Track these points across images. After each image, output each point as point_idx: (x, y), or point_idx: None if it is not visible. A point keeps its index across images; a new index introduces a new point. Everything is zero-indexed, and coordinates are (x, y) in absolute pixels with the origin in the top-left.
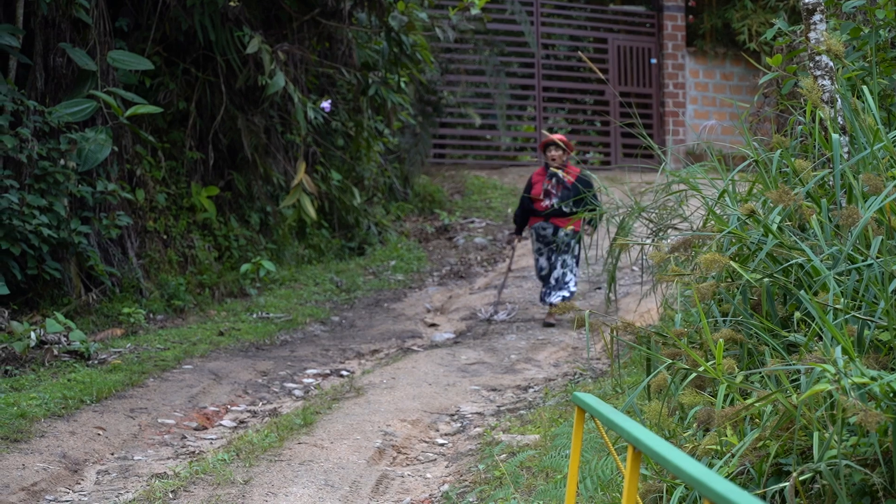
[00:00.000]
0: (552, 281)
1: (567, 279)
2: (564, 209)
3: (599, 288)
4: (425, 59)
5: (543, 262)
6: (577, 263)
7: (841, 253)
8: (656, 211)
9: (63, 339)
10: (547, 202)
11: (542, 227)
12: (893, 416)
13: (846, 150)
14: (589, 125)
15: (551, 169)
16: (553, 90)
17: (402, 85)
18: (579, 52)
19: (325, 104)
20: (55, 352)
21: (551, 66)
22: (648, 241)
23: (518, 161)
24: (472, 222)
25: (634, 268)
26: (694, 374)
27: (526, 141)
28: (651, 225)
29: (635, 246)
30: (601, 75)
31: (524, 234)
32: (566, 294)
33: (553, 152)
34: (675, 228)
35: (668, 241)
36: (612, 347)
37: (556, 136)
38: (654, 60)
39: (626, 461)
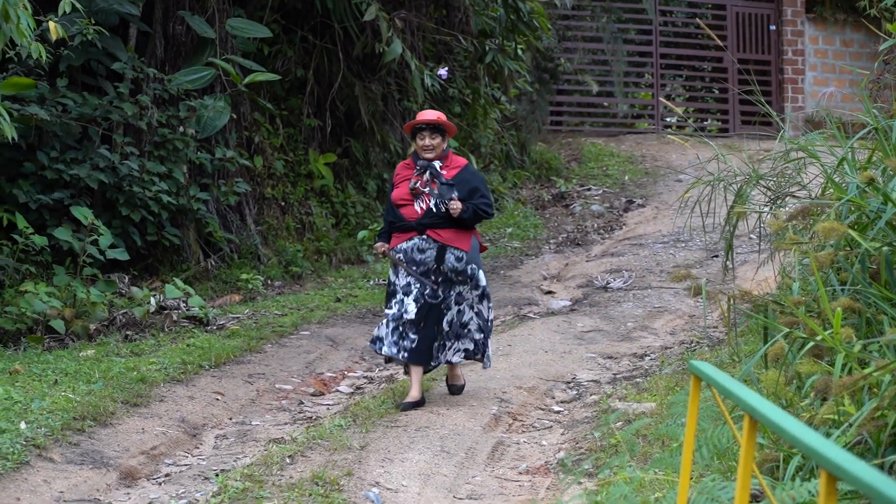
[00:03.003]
0: (445, 326)
1: (467, 319)
2: (448, 211)
3: (716, 256)
4: (542, 26)
5: (410, 304)
6: (486, 298)
7: None
8: (774, 179)
9: (182, 304)
10: (420, 206)
11: (419, 247)
12: None
13: None
14: (707, 92)
15: (421, 161)
16: (671, 57)
17: (519, 52)
18: (697, 19)
19: (442, 71)
20: (174, 317)
21: (669, 32)
22: (766, 208)
23: (635, 128)
24: (589, 189)
25: (752, 236)
26: (812, 343)
27: (643, 108)
28: (769, 193)
29: (753, 214)
30: (719, 42)
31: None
32: (470, 347)
33: (427, 140)
34: (794, 196)
35: (786, 209)
36: (728, 316)
37: (431, 115)
38: (773, 27)
39: (743, 430)
